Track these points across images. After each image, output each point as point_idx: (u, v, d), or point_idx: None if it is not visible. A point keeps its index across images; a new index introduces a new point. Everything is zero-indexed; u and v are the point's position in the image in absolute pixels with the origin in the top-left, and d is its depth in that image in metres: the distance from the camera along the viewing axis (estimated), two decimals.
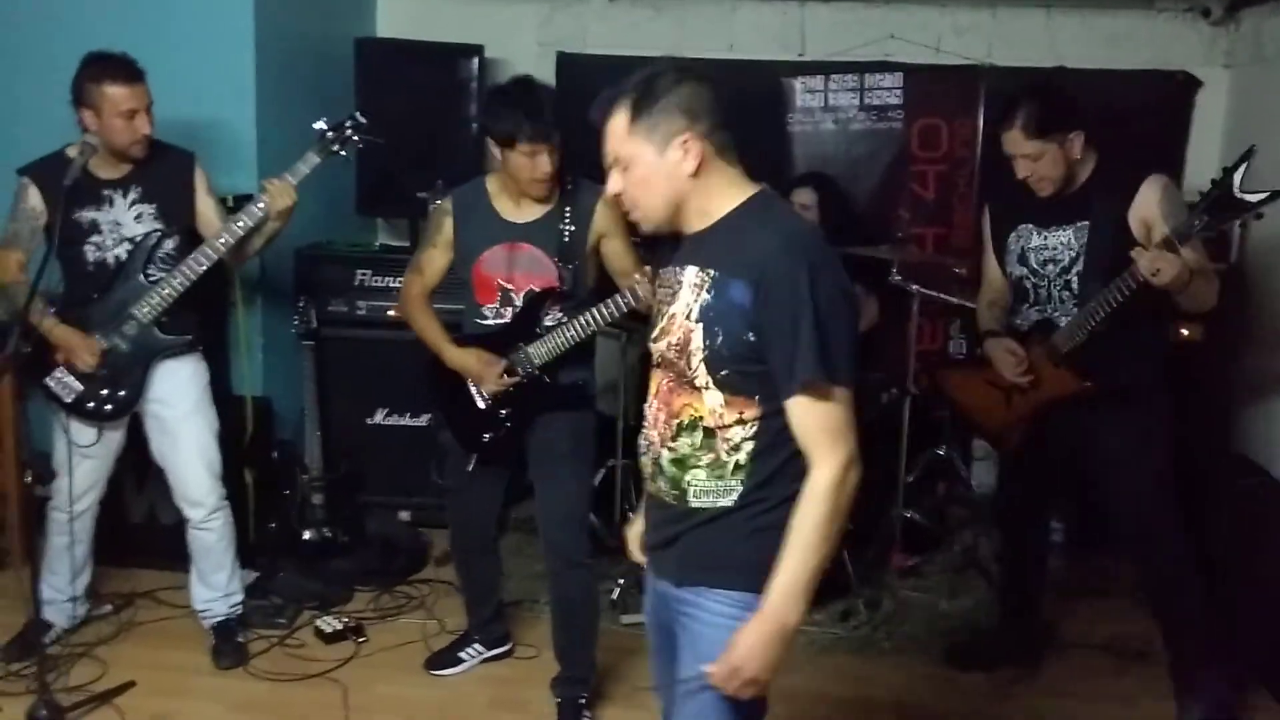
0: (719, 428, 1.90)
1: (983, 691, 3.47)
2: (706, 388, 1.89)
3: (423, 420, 4.44)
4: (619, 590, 3.82)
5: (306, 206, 3.40)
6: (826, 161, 4.93)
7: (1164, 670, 3.26)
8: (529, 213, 3.05)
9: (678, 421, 1.94)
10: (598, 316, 3.02)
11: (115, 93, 3.11)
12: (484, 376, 3.09)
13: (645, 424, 2.04)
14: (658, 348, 1.98)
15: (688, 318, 1.89)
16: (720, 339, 1.85)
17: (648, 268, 2.93)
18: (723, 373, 1.87)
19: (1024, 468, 3.38)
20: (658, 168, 1.88)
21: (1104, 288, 2.91)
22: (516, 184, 2.99)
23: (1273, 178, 4.10)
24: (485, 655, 3.53)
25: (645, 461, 2.04)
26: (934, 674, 3.55)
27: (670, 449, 1.95)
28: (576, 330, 3.04)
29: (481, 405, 3.16)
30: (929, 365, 4.36)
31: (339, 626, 3.65)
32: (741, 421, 1.89)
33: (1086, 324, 2.98)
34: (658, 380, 2.00)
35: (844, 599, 3.82)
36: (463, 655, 3.51)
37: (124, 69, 3.14)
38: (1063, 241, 3.06)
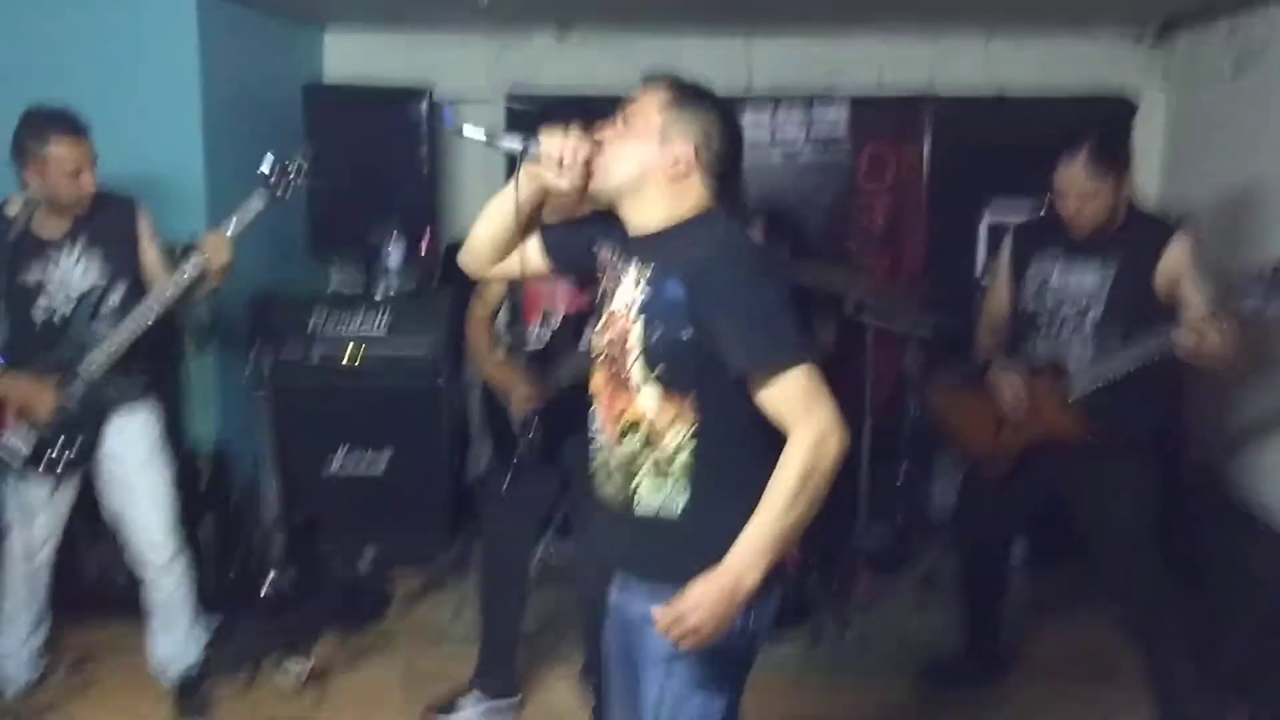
0: (657, 430, 1.92)
1: (955, 713, 3.47)
2: (641, 387, 1.91)
3: (381, 466, 4.41)
4: None
5: (258, 251, 3.38)
6: (776, 193, 4.99)
7: (1138, 687, 3.28)
8: None
9: (620, 425, 1.96)
10: None
11: (60, 151, 3.04)
12: (511, 390, 3.16)
13: (593, 424, 2.06)
14: (600, 342, 2.01)
15: (628, 314, 1.92)
16: (657, 335, 1.88)
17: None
18: (660, 367, 1.89)
19: (1000, 495, 3.37)
20: (649, 150, 1.94)
21: (1124, 337, 2.90)
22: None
23: (1207, 196, 4.24)
24: (485, 705, 3.39)
25: (596, 463, 2.05)
26: (905, 696, 3.56)
27: (616, 452, 1.98)
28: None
29: (515, 424, 3.20)
30: (916, 383, 4.39)
31: (304, 673, 3.59)
32: (679, 420, 1.90)
33: (1108, 373, 2.96)
34: (603, 378, 2.02)
35: (809, 623, 3.83)
36: (460, 703, 3.40)
37: (68, 125, 3.07)
38: (1085, 282, 3.04)
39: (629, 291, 1.94)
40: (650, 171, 1.94)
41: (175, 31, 4.02)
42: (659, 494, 1.94)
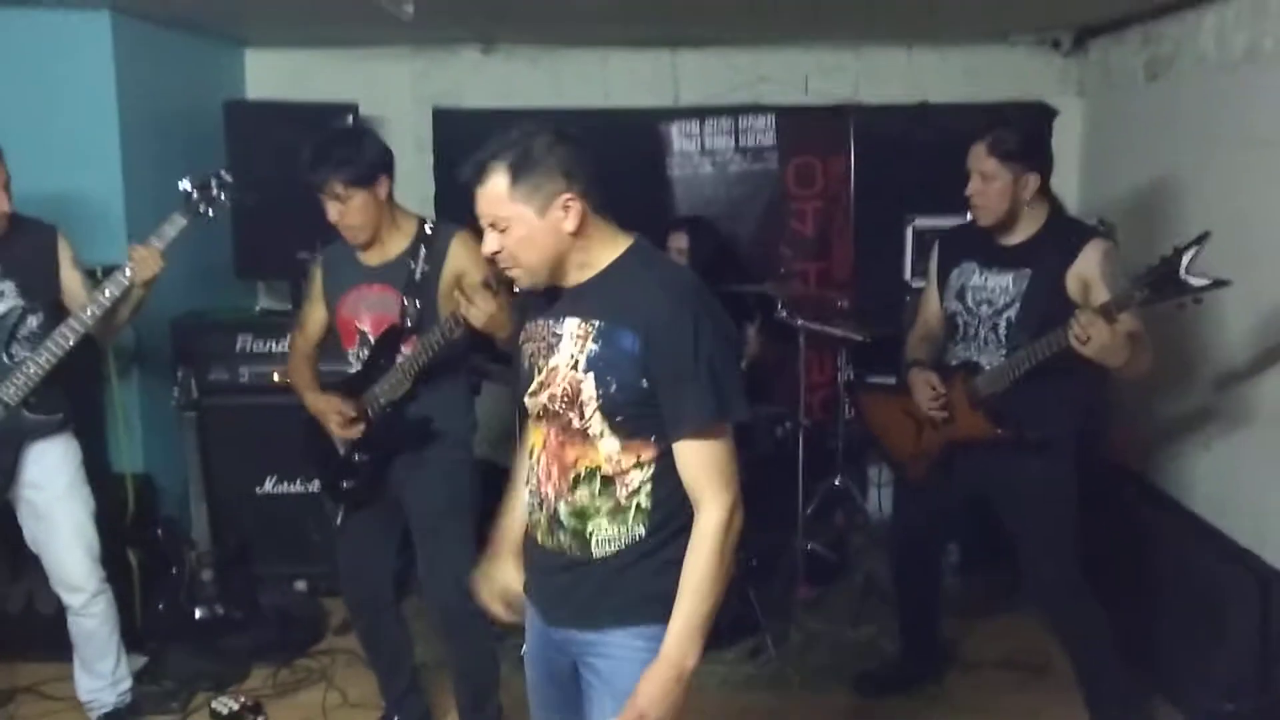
0: (617, 474, 1.92)
1: (893, 717, 3.50)
2: (601, 436, 1.91)
3: (315, 485, 4.33)
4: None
5: (182, 274, 3.33)
6: (707, 203, 5.02)
7: (1068, 682, 3.34)
8: (389, 253, 3.03)
9: (574, 474, 1.95)
10: (427, 344, 2.94)
11: None
12: (326, 416, 3.06)
13: (532, 480, 2.04)
14: (538, 401, 1.98)
15: (574, 368, 1.90)
16: (614, 386, 1.87)
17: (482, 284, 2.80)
18: (619, 418, 1.89)
19: (926, 498, 3.43)
20: (540, 228, 1.89)
21: (1033, 339, 2.94)
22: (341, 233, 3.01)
23: (1124, 198, 4.35)
24: None
25: (539, 518, 2.03)
26: (845, 704, 3.58)
27: (568, 502, 1.96)
28: (410, 363, 2.99)
29: (341, 452, 3.12)
30: (851, 385, 4.45)
31: (236, 707, 3.50)
32: (639, 464, 1.91)
33: (1010, 373, 3.00)
34: (542, 434, 2.00)
35: (752, 635, 3.84)
36: None
37: None
38: (1002, 285, 3.09)
39: (570, 346, 1.92)
40: (556, 239, 1.90)
41: (90, 51, 3.95)
42: (618, 535, 1.94)
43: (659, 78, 5.09)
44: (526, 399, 2.01)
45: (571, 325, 1.93)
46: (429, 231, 3.03)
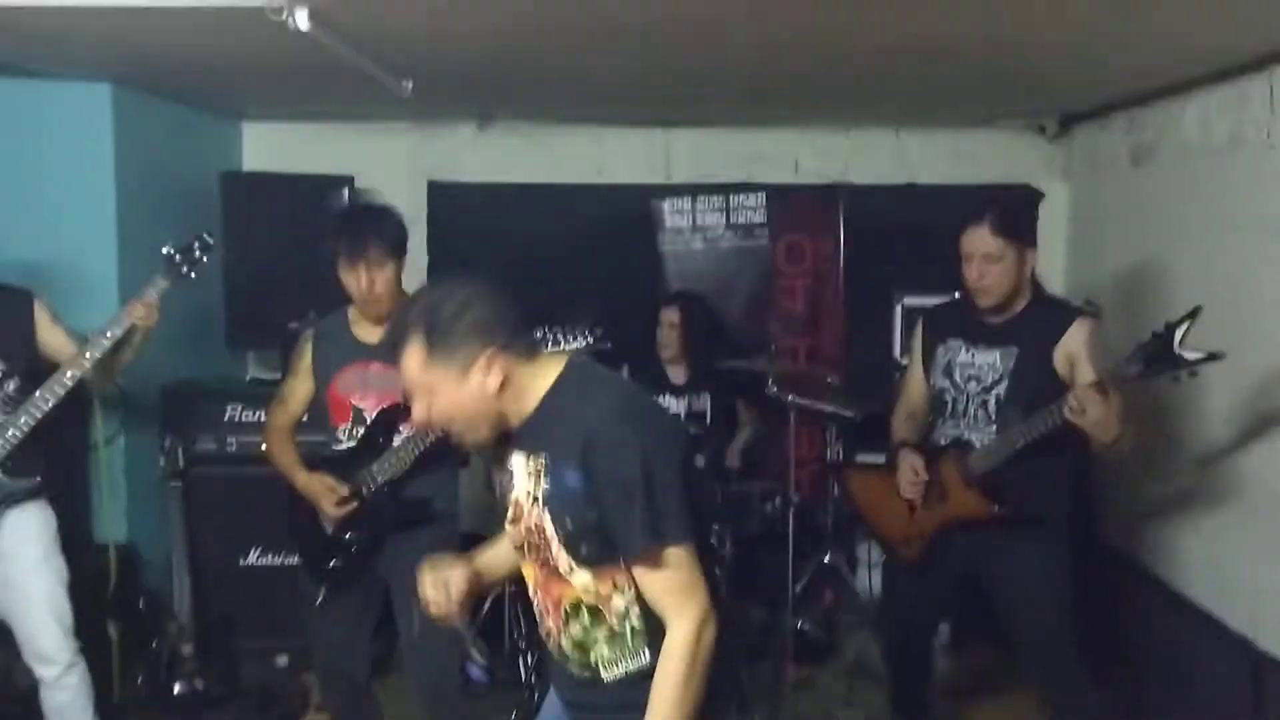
0: (600, 603, 1.92)
1: None
2: (571, 570, 1.91)
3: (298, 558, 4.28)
4: None
5: (173, 341, 3.32)
6: (698, 278, 5.06)
7: None
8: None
9: (563, 609, 1.96)
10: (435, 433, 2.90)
11: None
12: (320, 496, 3.01)
13: (538, 615, 2.06)
14: (517, 531, 1.98)
15: (535, 503, 1.90)
16: (569, 522, 1.86)
17: None
18: (582, 550, 1.88)
19: (919, 579, 3.36)
20: (462, 392, 1.87)
21: (1024, 416, 2.93)
22: (361, 307, 3.00)
23: (1108, 280, 4.40)
24: None
25: (552, 650, 2.05)
26: None
27: (568, 636, 1.97)
28: (414, 443, 2.97)
29: (329, 531, 3.07)
30: (836, 465, 4.42)
31: None
32: (617, 589, 1.90)
33: (1004, 450, 2.99)
34: (532, 570, 2.02)
35: (742, 717, 3.77)
36: None
37: None
38: (989, 362, 3.09)
39: (524, 481, 1.92)
40: (481, 401, 1.88)
41: (90, 121, 4.00)
42: (622, 657, 1.94)
43: (652, 155, 5.16)
44: (508, 526, 2.01)
45: (520, 461, 1.93)
46: None
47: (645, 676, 1.90)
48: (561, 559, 1.90)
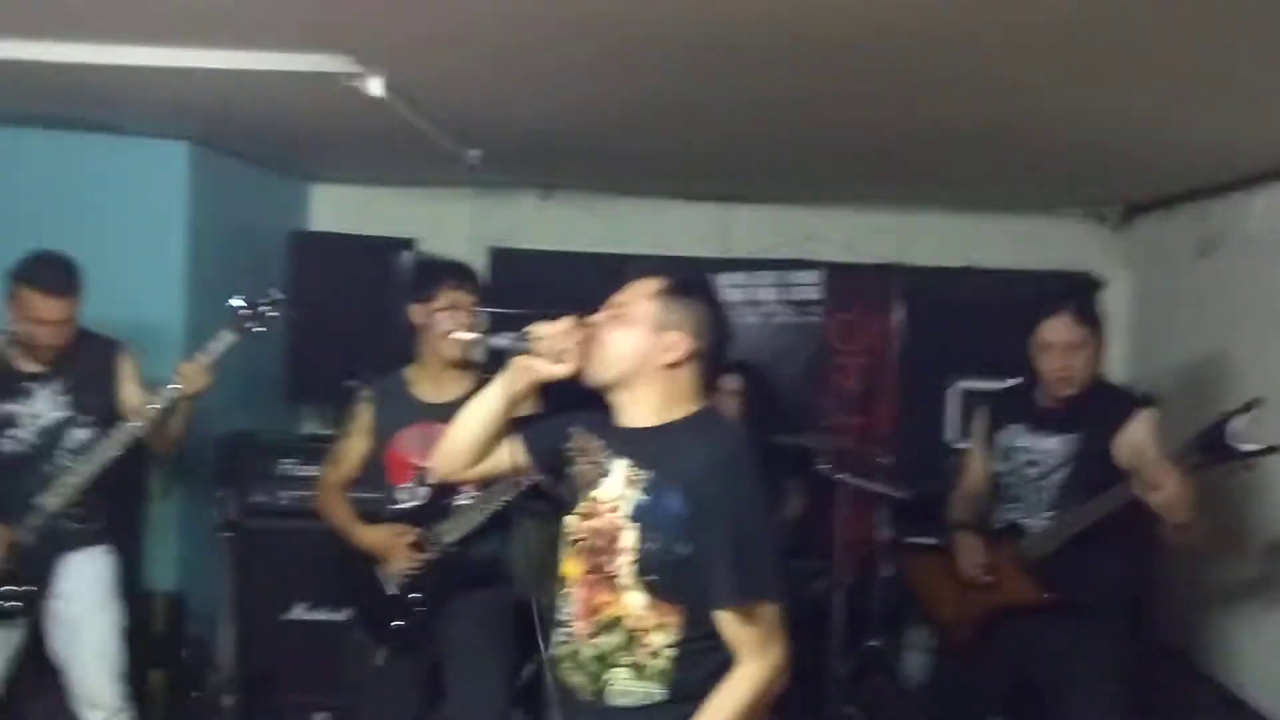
0: (640, 630, 1.90)
1: None
2: (629, 588, 1.89)
3: (343, 614, 4.29)
4: None
5: (231, 394, 3.36)
6: (751, 352, 5.04)
7: None
8: (447, 393, 3.02)
9: (598, 618, 1.93)
10: (508, 487, 2.92)
11: (33, 300, 3.07)
12: (392, 549, 3.01)
13: (563, 612, 2.01)
14: (582, 526, 1.97)
15: (614, 511, 1.90)
16: (655, 545, 1.86)
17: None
18: (652, 577, 1.87)
19: (969, 668, 3.30)
20: (644, 338, 1.94)
21: (1086, 501, 2.90)
22: (435, 350, 3.03)
23: (1171, 372, 4.34)
24: None
25: (563, 651, 2.00)
26: None
27: (592, 644, 1.94)
28: (487, 506, 2.98)
29: (392, 591, 3.06)
30: (894, 545, 4.36)
31: None
32: (663, 627, 1.89)
33: (1060, 534, 2.95)
34: (578, 567, 1.98)
35: None
36: None
37: (51, 280, 3.08)
38: (1050, 448, 3.06)
39: (617, 488, 1.93)
40: (645, 360, 1.94)
41: (166, 178, 4.11)
42: (636, 689, 1.92)
43: (710, 229, 5.20)
44: (570, 518, 2.00)
45: (622, 467, 1.93)
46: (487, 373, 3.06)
47: (651, 709, 1.89)
48: (624, 573, 1.89)
